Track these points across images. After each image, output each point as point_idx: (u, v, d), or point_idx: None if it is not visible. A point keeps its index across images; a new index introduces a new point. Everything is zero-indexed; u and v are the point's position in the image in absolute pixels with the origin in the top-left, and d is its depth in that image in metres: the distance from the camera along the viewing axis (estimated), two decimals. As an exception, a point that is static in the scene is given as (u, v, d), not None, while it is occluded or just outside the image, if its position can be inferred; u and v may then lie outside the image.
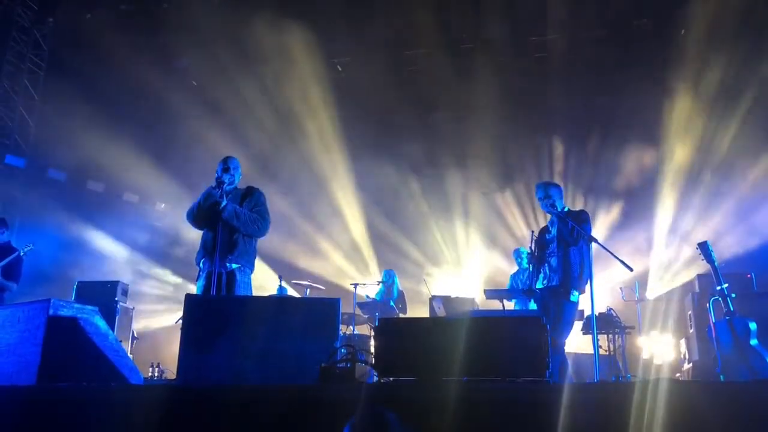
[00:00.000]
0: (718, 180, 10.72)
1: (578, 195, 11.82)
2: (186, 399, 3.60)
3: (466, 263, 12.61)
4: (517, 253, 9.40)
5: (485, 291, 8.17)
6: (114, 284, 9.23)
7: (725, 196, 10.63)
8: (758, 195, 10.49)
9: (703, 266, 6.43)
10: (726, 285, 6.16)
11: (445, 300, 8.16)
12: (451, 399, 3.38)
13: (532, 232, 6.23)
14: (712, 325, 6.25)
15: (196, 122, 11.96)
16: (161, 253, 12.72)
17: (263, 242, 5.91)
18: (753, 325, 5.99)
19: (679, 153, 10.77)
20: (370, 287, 9.90)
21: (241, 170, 5.84)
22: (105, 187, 12.50)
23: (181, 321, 4.31)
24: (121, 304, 9.11)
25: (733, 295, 6.14)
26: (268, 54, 11.39)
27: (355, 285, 9.35)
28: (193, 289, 5.74)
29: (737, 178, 10.70)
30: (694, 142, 10.62)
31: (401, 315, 9.51)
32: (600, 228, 11.09)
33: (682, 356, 8.58)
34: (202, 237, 5.62)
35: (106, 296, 8.91)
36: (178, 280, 12.52)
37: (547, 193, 6.10)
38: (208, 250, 5.43)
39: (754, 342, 5.93)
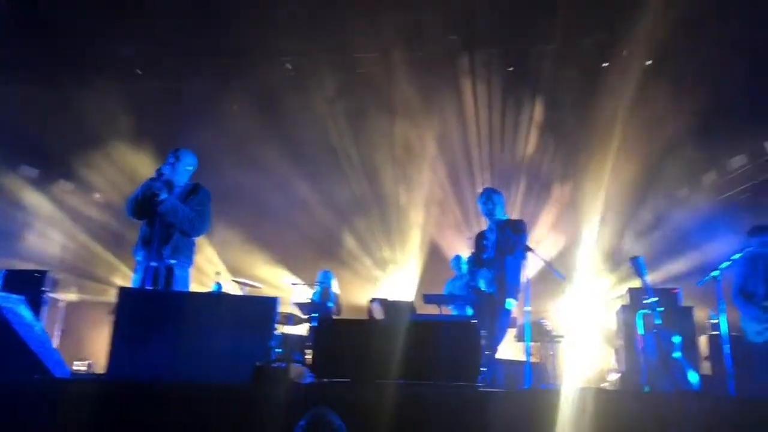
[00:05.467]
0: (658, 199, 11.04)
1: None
2: (113, 394, 3.52)
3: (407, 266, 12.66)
4: (456, 260, 9.48)
5: (424, 295, 8.22)
6: (42, 274, 8.90)
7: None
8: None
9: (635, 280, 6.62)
10: (656, 299, 6.36)
11: (384, 303, 8.16)
12: (385, 401, 3.40)
13: (469, 238, 6.33)
14: (639, 337, 6.44)
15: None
16: (97, 242, 12.34)
17: (201, 237, 5.79)
18: (677, 339, 6.20)
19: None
20: (307, 287, 9.84)
21: (196, 164, 5.71)
22: (39, 173, 12.05)
23: (113, 314, 4.20)
24: (49, 294, 8.79)
25: (662, 309, 6.36)
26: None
27: (294, 284, 9.29)
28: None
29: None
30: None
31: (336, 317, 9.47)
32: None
33: (610, 366, 8.80)
34: (141, 230, 5.49)
35: (33, 286, 8.58)
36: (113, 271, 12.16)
37: (490, 199, 6.21)
38: (145, 243, 5.32)
39: (677, 355, 6.14)
